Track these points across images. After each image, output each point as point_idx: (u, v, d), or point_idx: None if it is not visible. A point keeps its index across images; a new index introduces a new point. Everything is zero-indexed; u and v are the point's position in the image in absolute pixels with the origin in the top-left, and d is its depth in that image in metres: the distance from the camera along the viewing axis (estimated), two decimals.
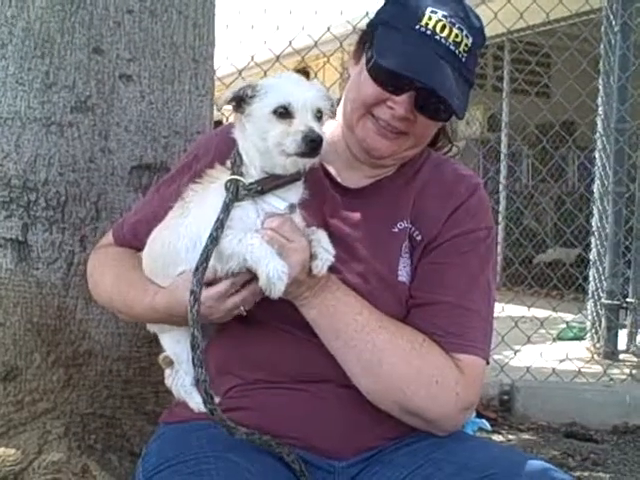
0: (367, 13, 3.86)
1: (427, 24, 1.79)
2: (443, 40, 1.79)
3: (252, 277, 1.68)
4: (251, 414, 1.80)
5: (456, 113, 1.83)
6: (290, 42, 4.71)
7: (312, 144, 1.64)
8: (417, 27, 1.79)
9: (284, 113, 1.66)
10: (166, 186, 2.00)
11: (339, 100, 1.95)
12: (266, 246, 1.64)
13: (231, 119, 1.87)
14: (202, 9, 2.59)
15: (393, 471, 1.77)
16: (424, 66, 1.78)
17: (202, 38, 2.60)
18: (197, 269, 1.66)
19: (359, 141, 1.88)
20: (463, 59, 1.82)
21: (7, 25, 2.39)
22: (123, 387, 2.48)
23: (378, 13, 1.89)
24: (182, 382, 1.88)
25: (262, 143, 1.69)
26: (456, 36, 1.80)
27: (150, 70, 2.46)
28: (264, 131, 1.68)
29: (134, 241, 1.98)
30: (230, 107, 1.78)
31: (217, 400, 1.71)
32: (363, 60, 1.87)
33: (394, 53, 1.79)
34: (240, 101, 1.73)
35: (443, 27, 1.79)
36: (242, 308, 1.75)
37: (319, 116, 1.69)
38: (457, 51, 1.80)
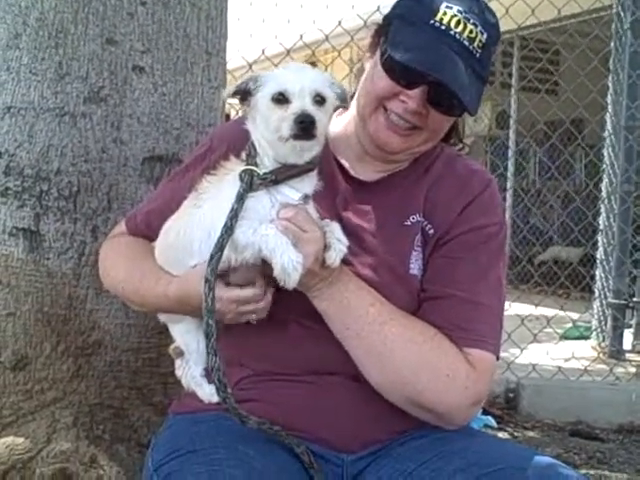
0: (378, 7, 3.86)
1: (442, 19, 1.79)
2: (457, 35, 1.79)
3: (274, 286, 1.70)
4: (260, 405, 1.80)
5: (467, 109, 1.83)
6: (301, 36, 4.72)
7: (302, 125, 1.64)
8: (432, 22, 1.79)
9: (281, 99, 1.67)
10: (180, 177, 2.00)
11: (354, 94, 1.95)
12: (281, 236, 1.65)
13: (242, 112, 1.88)
14: (215, 1, 2.60)
15: (401, 464, 1.77)
16: (437, 61, 1.78)
17: (215, 30, 2.60)
18: (212, 258, 1.67)
19: (371, 135, 1.88)
20: (477, 55, 1.82)
21: (21, 15, 2.40)
22: (132, 378, 2.49)
23: (394, 7, 1.90)
24: (192, 373, 1.89)
25: (267, 131, 1.71)
26: (470, 32, 1.80)
27: (163, 62, 2.47)
28: (266, 119, 1.70)
29: (147, 231, 1.99)
30: (236, 100, 1.79)
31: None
32: (378, 53, 1.87)
33: (408, 47, 1.79)
34: (245, 94, 1.74)
35: (458, 22, 1.79)
36: (254, 316, 1.76)
37: (319, 100, 1.69)
38: (471, 47, 1.80)
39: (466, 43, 1.79)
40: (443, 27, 1.79)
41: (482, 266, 1.87)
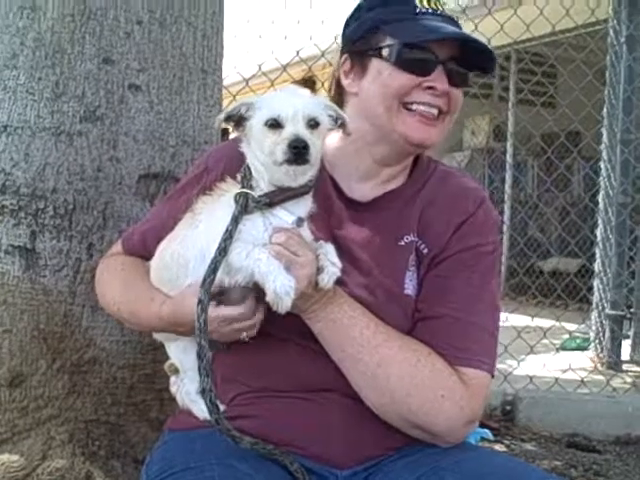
0: None
1: (422, 5, 1.89)
2: (439, 11, 1.90)
3: (262, 305, 1.72)
4: (255, 422, 1.81)
5: (492, 56, 1.90)
6: (297, 52, 4.74)
7: (295, 150, 1.65)
8: (418, 11, 1.87)
9: (275, 125, 1.68)
10: (176, 197, 2.01)
11: None
12: (273, 261, 1.66)
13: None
14: (211, 20, 2.62)
15: None
16: (446, 29, 1.85)
17: (211, 49, 2.62)
18: (205, 280, 1.68)
19: (405, 137, 1.88)
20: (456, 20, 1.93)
21: (18, 35, 2.42)
22: (127, 394, 2.49)
23: (365, 21, 1.93)
24: (187, 390, 1.90)
25: (262, 156, 1.72)
26: (439, 4, 1.92)
27: (159, 80, 2.49)
28: (260, 144, 1.71)
29: (143, 250, 2.00)
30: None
31: (222, 409, 1.72)
32: (375, 65, 1.89)
33: (414, 33, 1.85)
34: (239, 119, 1.76)
35: (429, 1, 1.90)
36: (245, 334, 1.77)
37: (312, 124, 1.70)
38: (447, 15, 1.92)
39: (445, 14, 1.90)
40: (430, 10, 1.88)
41: (476, 285, 1.88)
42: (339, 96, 1.98)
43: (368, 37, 1.91)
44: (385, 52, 1.87)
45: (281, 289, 1.63)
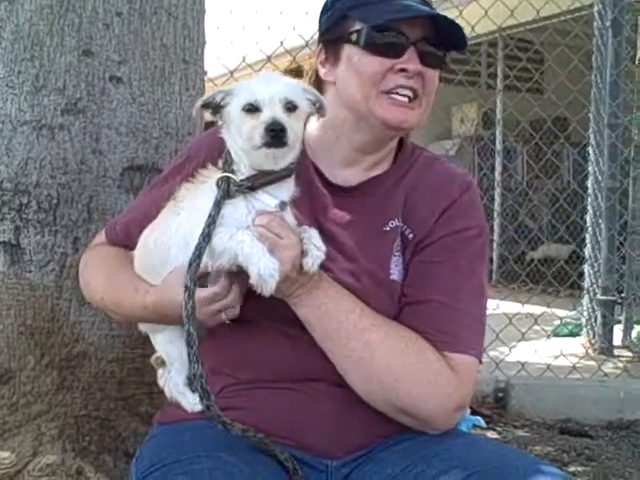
0: None
1: None
2: None
3: (233, 283, 1.71)
4: (243, 413, 1.80)
5: (462, 36, 1.88)
6: (281, 42, 4.72)
7: (272, 133, 1.66)
8: None
9: (252, 109, 1.69)
10: (159, 186, 2.00)
11: None
12: (257, 243, 1.66)
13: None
14: (192, 10, 2.60)
15: (385, 469, 1.78)
16: (414, 7, 1.83)
17: (192, 39, 2.60)
18: (190, 265, 1.67)
19: (382, 121, 1.86)
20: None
21: None
22: (117, 388, 2.48)
23: (336, 9, 1.92)
24: (174, 382, 1.89)
25: (241, 140, 1.72)
26: None
27: (140, 72, 2.47)
28: (239, 129, 1.72)
29: (126, 240, 1.99)
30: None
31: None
32: (346, 52, 1.89)
33: (381, 13, 1.83)
34: (216, 107, 1.76)
35: None
36: (224, 316, 1.76)
37: (290, 108, 1.71)
38: None
39: None
40: None
41: (463, 270, 1.88)
42: (318, 85, 1.97)
43: (338, 24, 1.91)
44: (354, 37, 1.86)
45: (265, 271, 1.63)
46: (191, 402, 1.85)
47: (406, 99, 1.86)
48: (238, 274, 1.71)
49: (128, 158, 2.46)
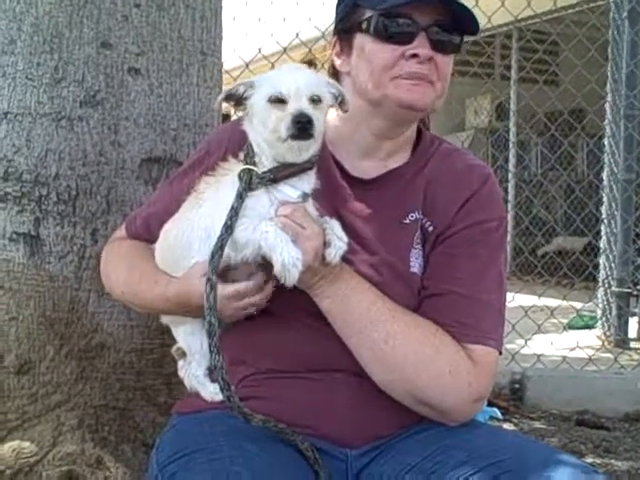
0: None
1: None
2: None
3: (268, 279, 1.72)
4: (264, 403, 1.81)
5: (475, 21, 1.85)
6: (297, 34, 4.71)
7: (299, 125, 1.66)
8: None
9: (278, 100, 1.69)
10: (179, 180, 2.01)
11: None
12: (280, 233, 1.66)
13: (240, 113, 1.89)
14: (209, 2, 2.60)
15: (404, 458, 1.78)
16: None
17: (209, 31, 2.60)
18: (212, 257, 1.68)
19: (396, 102, 1.85)
20: None
21: (15, 21, 2.40)
22: (136, 379, 2.49)
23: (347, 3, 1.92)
24: (195, 373, 1.90)
25: (265, 132, 1.72)
26: None
27: (158, 64, 2.47)
28: (264, 120, 1.71)
29: (147, 234, 1.99)
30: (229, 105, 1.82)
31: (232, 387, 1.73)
32: (358, 41, 1.88)
33: (390, 2, 1.82)
34: (239, 99, 1.76)
35: None
36: (253, 309, 1.78)
37: (315, 100, 1.71)
38: None
39: None
40: None
41: (482, 261, 1.88)
42: (335, 77, 1.97)
43: (350, 14, 1.91)
44: (364, 25, 1.86)
45: (289, 261, 1.63)
46: (211, 392, 1.86)
47: (418, 78, 1.84)
48: (263, 266, 1.71)
49: (146, 150, 2.47)
